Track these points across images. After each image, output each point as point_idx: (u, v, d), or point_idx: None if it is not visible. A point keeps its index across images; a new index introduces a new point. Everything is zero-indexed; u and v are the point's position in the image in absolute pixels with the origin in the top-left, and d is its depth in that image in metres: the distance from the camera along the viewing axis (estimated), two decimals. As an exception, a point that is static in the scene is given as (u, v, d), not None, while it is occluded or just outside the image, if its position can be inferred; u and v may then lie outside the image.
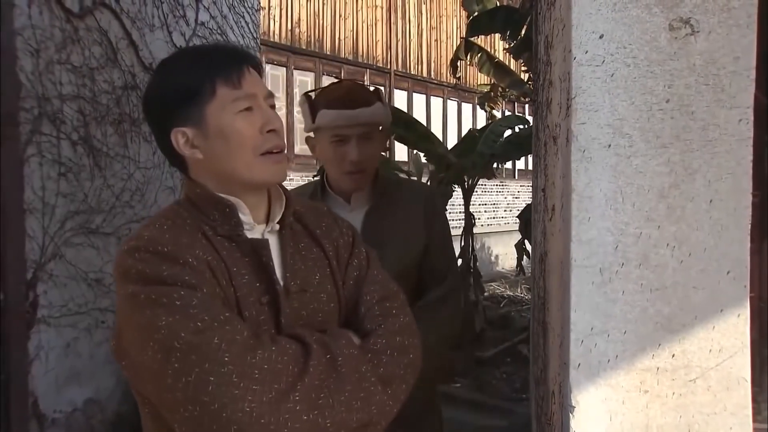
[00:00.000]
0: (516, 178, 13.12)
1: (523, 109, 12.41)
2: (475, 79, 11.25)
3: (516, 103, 12.38)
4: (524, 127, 6.47)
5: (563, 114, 1.33)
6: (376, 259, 1.32)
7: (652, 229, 1.19)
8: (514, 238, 7.25)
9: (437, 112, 11.57)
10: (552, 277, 1.60)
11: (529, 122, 6.07)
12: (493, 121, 7.42)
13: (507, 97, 9.22)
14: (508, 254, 10.54)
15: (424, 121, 10.03)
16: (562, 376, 1.29)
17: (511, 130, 6.67)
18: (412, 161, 8.48)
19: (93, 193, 3.21)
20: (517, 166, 13.10)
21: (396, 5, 10.51)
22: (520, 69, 7.28)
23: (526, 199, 11.33)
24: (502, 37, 6.76)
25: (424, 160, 6.99)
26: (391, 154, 8.78)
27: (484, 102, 8.95)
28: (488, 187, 11.73)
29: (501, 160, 7.10)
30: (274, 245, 1.21)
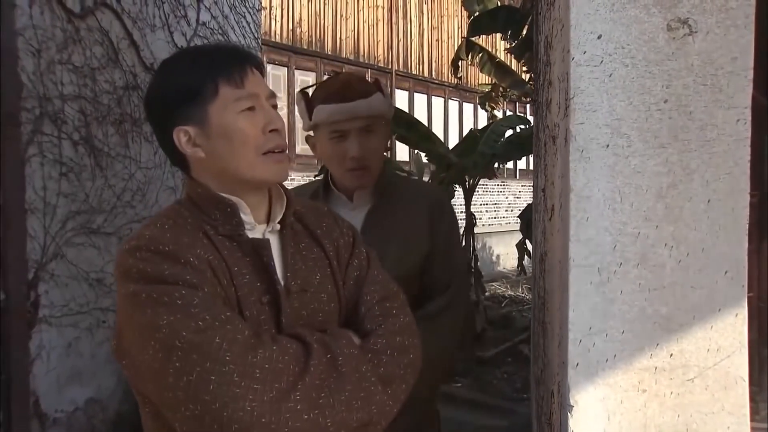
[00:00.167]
0: (517, 177, 13.11)
1: (524, 109, 12.39)
2: (477, 79, 11.24)
3: (517, 103, 12.37)
4: (525, 127, 6.48)
5: (562, 114, 1.33)
6: (376, 259, 1.32)
7: (651, 228, 1.19)
8: (515, 238, 7.25)
9: (438, 112, 11.58)
10: (551, 276, 1.61)
11: (530, 122, 6.07)
12: (494, 121, 7.43)
13: (508, 97, 9.21)
14: (510, 254, 10.53)
15: (425, 121, 10.04)
16: (561, 375, 1.29)
17: (512, 130, 6.68)
18: (414, 161, 8.48)
19: (94, 193, 3.21)
20: (519, 166, 13.10)
21: (397, 5, 10.51)
22: (521, 69, 7.27)
23: (528, 199, 11.31)
24: (503, 37, 6.75)
25: (426, 160, 7.00)
26: (392, 154, 8.78)
27: (485, 102, 8.94)
28: (489, 187, 11.73)
29: (502, 160, 7.10)
30: (275, 245, 1.21)
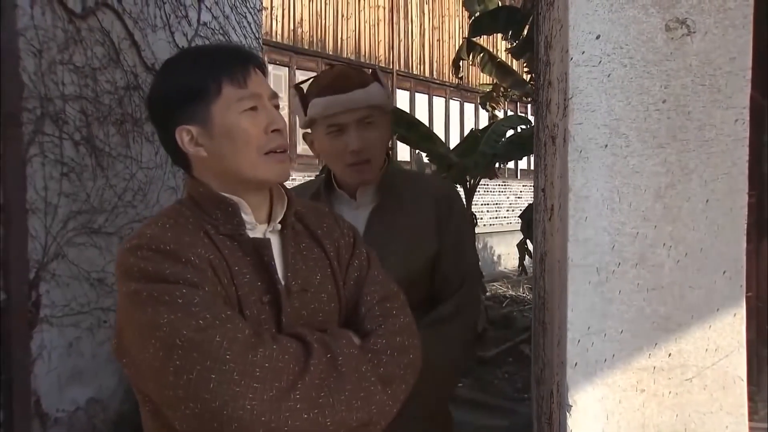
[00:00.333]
0: (518, 177, 13.11)
1: (525, 109, 12.39)
2: (478, 79, 11.24)
3: (518, 103, 12.37)
4: (526, 127, 6.49)
5: (560, 114, 1.33)
6: (376, 260, 1.32)
7: (649, 228, 1.19)
8: (516, 238, 7.26)
9: (439, 112, 11.58)
10: (551, 276, 1.61)
11: (531, 122, 6.08)
12: (495, 121, 7.44)
13: (509, 97, 9.22)
14: (511, 254, 10.53)
15: (426, 121, 10.04)
16: (560, 375, 1.29)
17: (513, 130, 6.69)
18: (415, 161, 8.49)
19: (95, 193, 3.22)
20: (520, 166, 13.10)
21: (398, 5, 10.51)
22: (522, 69, 7.28)
23: (529, 199, 11.31)
24: (504, 38, 6.76)
25: (427, 160, 7.00)
26: (393, 154, 8.79)
27: (486, 102, 8.94)
28: (491, 187, 11.73)
29: (503, 160, 7.11)
30: (276, 245, 1.21)
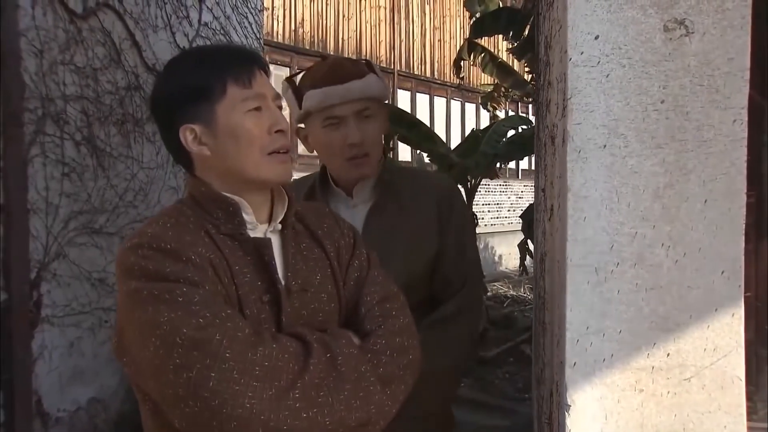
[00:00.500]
0: (519, 178, 13.12)
1: (526, 110, 12.39)
2: (479, 79, 11.24)
3: (519, 104, 12.37)
4: (527, 127, 6.50)
5: (560, 114, 1.33)
6: (376, 260, 1.32)
7: (647, 228, 1.19)
8: (517, 238, 7.26)
9: (440, 112, 11.59)
10: (551, 276, 1.61)
11: (532, 122, 6.08)
12: (496, 122, 7.44)
13: (510, 98, 9.22)
14: (512, 254, 10.53)
15: (427, 121, 10.04)
16: (559, 375, 1.29)
17: (514, 131, 6.70)
18: (416, 161, 8.50)
19: (96, 193, 3.22)
20: (521, 166, 13.10)
21: (399, 5, 10.52)
22: (523, 69, 7.28)
23: (530, 199, 11.31)
24: (505, 38, 6.76)
25: (428, 160, 7.01)
26: (394, 155, 8.79)
27: (487, 102, 8.95)
28: (492, 187, 11.73)
29: (504, 160, 7.12)
30: (276, 245, 1.21)
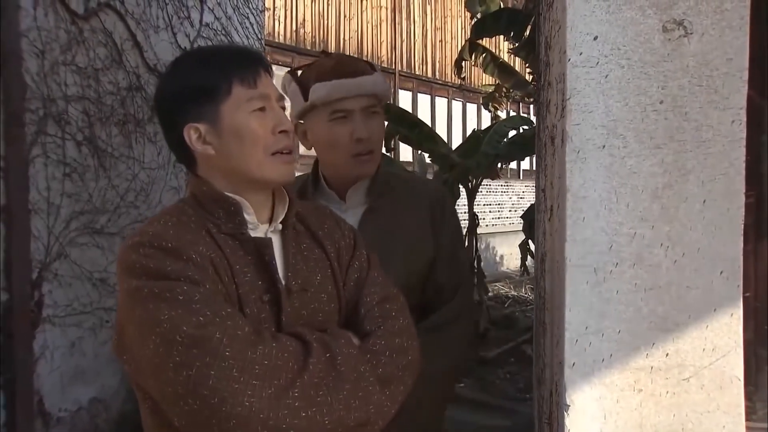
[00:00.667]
0: (521, 178, 13.11)
1: (527, 110, 12.39)
2: (480, 80, 11.24)
3: (520, 104, 12.37)
4: (528, 127, 6.49)
5: (559, 115, 1.34)
6: (376, 262, 1.33)
7: (646, 229, 1.20)
8: (518, 239, 7.26)
9: (442, 113, 11.59)
10: (551, 277, 1.61)
11: (533, 123, 6.08)
12: (498, 122, 7.44)
13: (511, 98, 9.21)
14: (513, 254, 10.52)
15: (428, 121, 10.03)
16: (558, 375, 1.30)
17: (516, 131, 6.70)
18: (417, 161, 8.50)
19: (98, 194, 3.23)
20: (522, 167, 13.10)
21: (401, 6, 10.52)
22: (525, 70, 7.28)
23: (531, 199, 11.29)
24: (506, 38, 6.76)
25: (429, 161, 7.01)
26: (395, 155, 8.79)
27: (488, 102, 8.94)
28: (493, 188, 11.73)
29: (505, 161, 7.12)
30: (277, 245, 1.22)
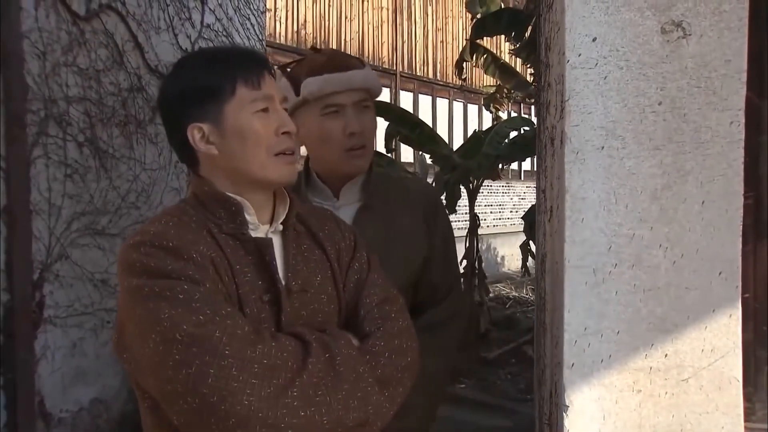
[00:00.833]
0: (522, 179, 13.11)
1: (528, 111, 12.38)
2: (481, 81, 11.24)
3: (522, 105, 12.36)
4: (529, 128, 6.48)
5: (558, 116, 1.34)
6: (376, 263, 1.33)
7: (645, 230, 1.20)
8: (519, 239, 7.25)
9: (443, 114, 11.59)
10: (550, 277, 1.61)
11: (534, 124, 6.07)
12: (499, 123, 7.43)
13: (512, 99, 9.21)
14: (514, 255, 10.52)
15: (430, 122, 10.04)
16: (557, 376, 1.30)
17: (517, 132, 6.69)
18: (418, 162, 8.49)
19: (99, 195, 3.23)
20: (523, 168, 13.09)
21: (402, 7, 10.52)
22: (526, 71, 7.28)
23: (532, 200, 11.28)
24: (507, 39, 6.75)
25: (430, 161, 7.01)
26: (396, 155, 8.79)
27: (489, 103, 8.95)
28: (494, 188, 11.73)
29: (506, 162, 7.11)
30: (277, 245, 1.22)
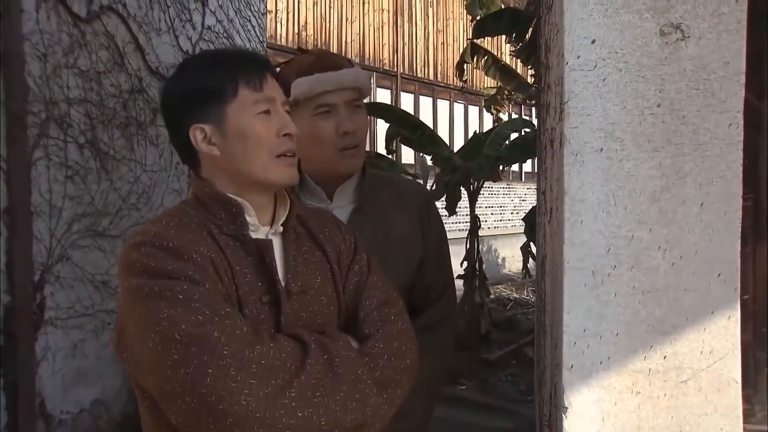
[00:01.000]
0: (522, 180, 13.11)
1: (529, 112, 12.38)
2: (482, 82, 11.25)
3: (522, 106, 12.36)
4: (529, 130, 6.48)
5: (557, 117, 1.34)
6: (376, 265, 1.33)
7: (644, 231, 1.20)
8: (520, 241, 7.25)
9: (444, 115, 11.59)
10: (550, 279, 1.62)
11: (535, 125, 6.07)
12: (499, 124, 7.43)
13: (513, 100, 9.22)
14: (515, 257, 10.52)
15: (430, 123, 10.04)
16: (557, 377, 1.30)
17: (517, 133, 6.68)
18: (419, 164, 8.50)
19: (99, 196, 3.23)
20: (524, 169, 13.09)
21: (402, 8, 10.53)
22: (527, 72, 7.28)
23: (533, 201, 11.28)
24: (508, 41, 6.75)
25: (431, 163, 7.01)
26: (397, 157, 8.80)
27: (490, 105, 8.95)
28: (495, 190, 11.72)
29: (506, 163, 7.11)
30: (278, 247, 1.22)
